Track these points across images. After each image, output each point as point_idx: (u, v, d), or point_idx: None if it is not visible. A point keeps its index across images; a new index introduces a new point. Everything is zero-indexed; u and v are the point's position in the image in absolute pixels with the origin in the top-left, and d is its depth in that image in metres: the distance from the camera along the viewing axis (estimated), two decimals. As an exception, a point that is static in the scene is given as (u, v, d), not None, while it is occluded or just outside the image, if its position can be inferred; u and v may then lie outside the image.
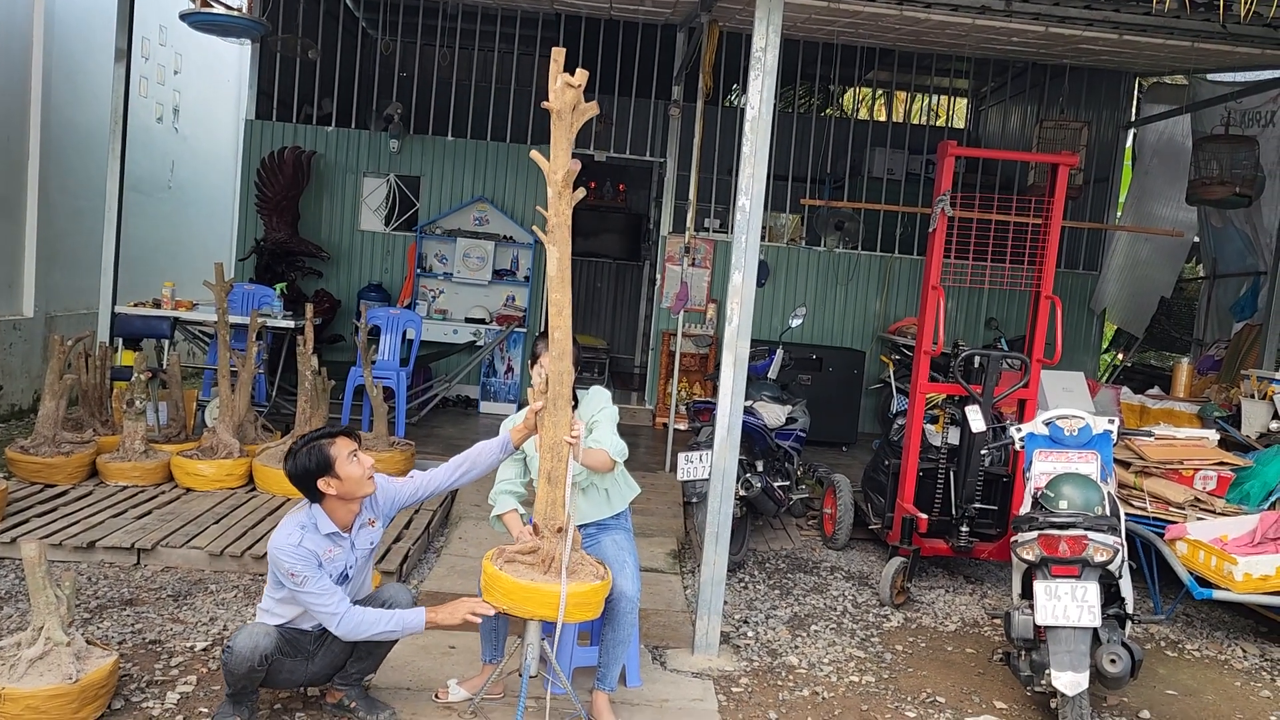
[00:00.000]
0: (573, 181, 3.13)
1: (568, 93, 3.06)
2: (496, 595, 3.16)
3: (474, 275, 9.18)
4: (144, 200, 9.72)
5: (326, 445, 3.28)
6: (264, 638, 3.22)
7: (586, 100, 3.13)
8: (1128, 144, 9.95)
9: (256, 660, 3.18)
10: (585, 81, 3.09)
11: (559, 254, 3.13)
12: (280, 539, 3.26)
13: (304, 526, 3.30)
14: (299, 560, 3.21)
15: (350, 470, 3.29)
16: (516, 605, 3.13)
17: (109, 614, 4.29)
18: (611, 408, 3.77)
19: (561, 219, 3.12)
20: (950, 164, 5.34)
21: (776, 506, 5.74)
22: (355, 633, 3.26)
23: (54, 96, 8.20)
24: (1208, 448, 5.50)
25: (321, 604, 3.23)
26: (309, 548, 3.26)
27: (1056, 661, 3.61)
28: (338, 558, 3.35)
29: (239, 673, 3.19)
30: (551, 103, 3.08)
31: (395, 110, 9.21)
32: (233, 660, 3.18)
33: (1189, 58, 7.33)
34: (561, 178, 3.10)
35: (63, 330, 7.81)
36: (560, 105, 3.07)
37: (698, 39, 7.45)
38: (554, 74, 3.06)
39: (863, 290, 9.64)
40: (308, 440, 3.31)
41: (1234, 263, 8.92)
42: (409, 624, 3.29)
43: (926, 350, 5.38)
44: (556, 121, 3.09)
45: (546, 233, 3.14)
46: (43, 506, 5.34)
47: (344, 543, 3.38)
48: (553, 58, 3.08)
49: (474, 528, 5.87)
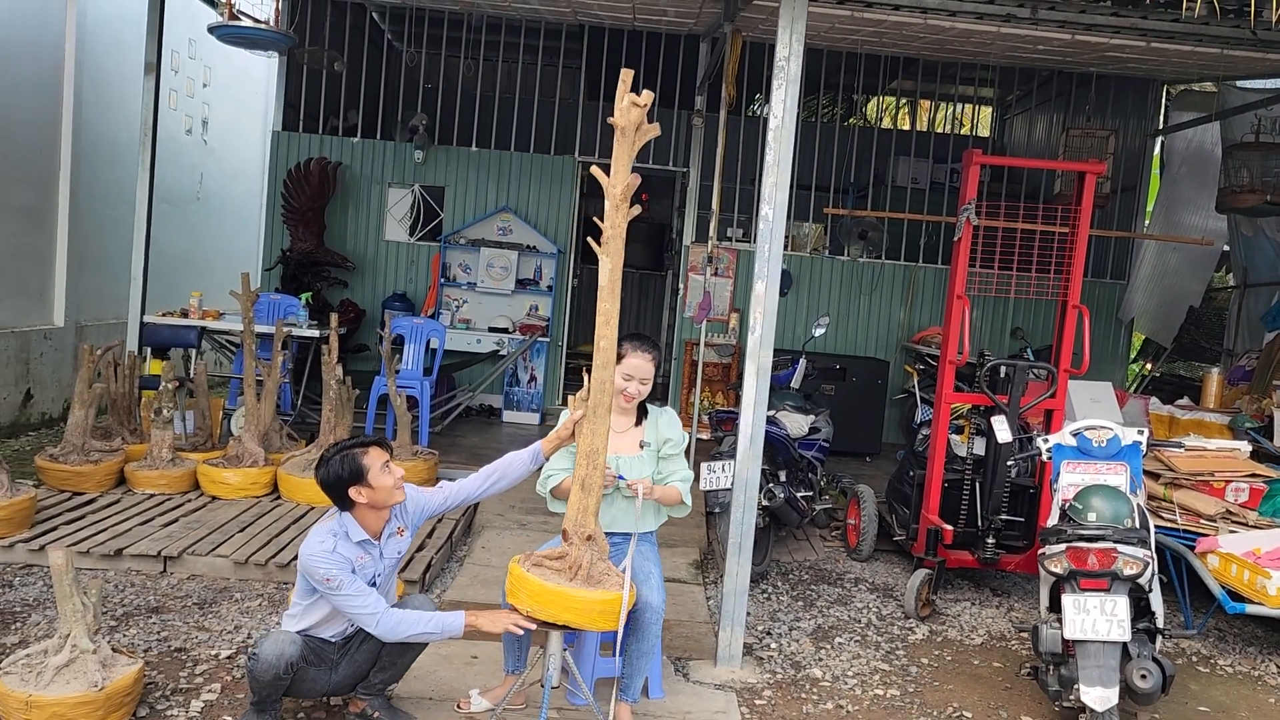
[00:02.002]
0: (630, 196, 3.17)
1: (633, 111, 3.14)
2: (521, 597, 3.16)
3: (497, 285, 9.21)
4: (173, 211, 9.84)
5: (360, 454, 3.30)
6: (290, 645, 3.23)
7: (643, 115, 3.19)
8: (1156, 152, 9.85)
9: (282, 668, 3.19)
10: (650, 102, 3.16)
11: (611, 265, 3.17)
12: (313, 546, 3.27)
13: (335, 534, 3.32)
14: (334, 565, 3.23)
15: (382, 480, 3.31)
16: (541, 608, 3.12)
17: (135, 621, 4.32)
18: (682, 435, 3.77)
19: (617, 231, 3.16)
20: (975, 173, 5.31)
21: (800, 517, 5.71)
22: (395, 632, 3.27)
23: (85, 108, 8.32)
24: (1239, 459, 5.42)
25: (359, 605, 3.25)
26: (343, 554, 3.28)
27: (1085, 676, 3.56)
28: (367, 565, 3.37)
29: (264, 680, 3.20)
30: (617, 120, 3.15)
31: (420, 121, 9.27)
32: (258, 668, 3.19)
33: (1218, 64, 7.25)
34: (620, 191, 3.15)
35: (92, 339, 7.91)
36: (625, 123, 3.15)
37: (720, 49, 7.45)
38: (621, 92, 3.13)
39: (886, 300, 9.59)
40: (340, 448, 3.33)
41: (1265, 272, 8.80)
42: (449, 626, 3.30)
43: (952, 360, 5.33)
44: (620, 138, 3.16)
45: (601, 244, 3.17)
46: (71, 514, 5.40)
47: (374, 550, 3.39)
48: (621, 78, 3.15)
49: (497, 537, 5.87)
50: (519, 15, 8.70)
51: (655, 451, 3.72)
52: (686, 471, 3.74)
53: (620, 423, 3.69)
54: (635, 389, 3.62)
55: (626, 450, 3.67)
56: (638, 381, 3.61)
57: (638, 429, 3.71)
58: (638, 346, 3.64)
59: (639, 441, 3.69)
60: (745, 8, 6.23)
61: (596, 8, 7.65)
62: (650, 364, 3.63)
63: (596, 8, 7.65)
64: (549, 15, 8.40)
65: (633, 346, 3.63)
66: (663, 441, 3.72)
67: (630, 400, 3.64)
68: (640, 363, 3.61)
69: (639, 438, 3.70)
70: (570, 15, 8.17)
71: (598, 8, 7.64)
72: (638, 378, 3.61)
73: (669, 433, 3.74)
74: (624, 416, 3.70)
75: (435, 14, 9.69)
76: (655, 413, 3.76)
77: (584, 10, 7.86)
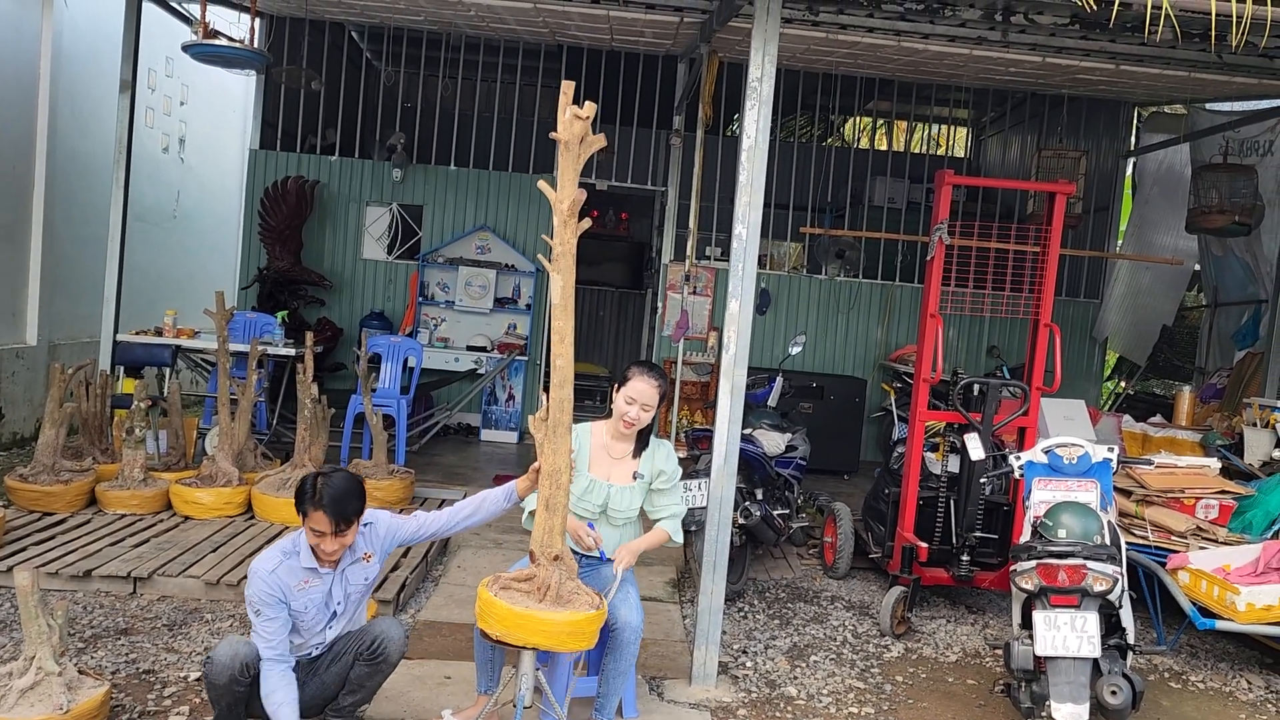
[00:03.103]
0: (578, 210, 3.16)
1: (576, 124, 3.11)
2: (490, 622, 3.14)
3: (476, 303, 9.21)
4: (149, 229, 9.78)
5: (310, 506, 3.23)
6: (243, 646, 3.20)
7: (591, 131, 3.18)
8: (1128, 173, 9.98)
9: (237, 668, 3.14)
10: (593, 114, 3.14)
11: (563, 282, 3.15)
12: (258, 563, 3.26)
13: (286, 553, 3.30)
14: (263, 590, 3.21)
15: (312, 539, 3.27)
16: (510, 633, 3.10)
17: (103, 643, 4.27)
18: (677, 469, 3.76)
19: (566, 247, 3.14)
20: (948, 192, 5.36)
21: (776, 535, 5.71)
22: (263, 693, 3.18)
23: (60, 125, 8.27)
24: (1209, 476, 5.47)
25: (263, 644, 3.21)
26: (281, 577, 3.25)
27: (1056, 693, 3.58)
28: (314, 589, 3.33)
29: (220, 683, 3.15)
30: (560, 134, 3.11)
31: (398, 140, 9.28)
32: (213, 671, 3.15)
33: (1186, 87, 7.37)
34: (567, 207, 3.13)
35: (65, 358, 7.84)
36: (568, 136, 3.11)
37: (698, 69, 7.51)
38: (563, 106, 3.10)
39: (864, 318, 9.65)
40: (305, 489, 3.25)
41: (1235, 291, 8.92)
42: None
43: (926, 378, 5.37)
44: (564, 152, 3.13)
45: (551, 261, 3.16)
46: (41, 535, 5.33)
47: (325, 576, 3.35)
48: (562, 90, 3.13)
49: (473, 556, 5.84)
50: (498, 35, 8.74)
51: (647, 484, 3.72)
52: (679, 507, 3.73)
53: (618, 449, 3.68)
54: (637, 413, 3.60)
55: (620, 480, 3.67)
56: (640, 406, 3.59)
57: (634, 460, 3.71)
58: (644, 372, 3.63)
59: (633, 473, 3.69)
60: (721, 29, 6.28)
61: (574, 28, 7.70)
62: (654, 390, 3.61)
63: (574, 28, 7.70)
64: (527, 36, 8.44)
65: (639, 371, 3.63)
66: (656, 474, 3.72)
67: (630, 426, 3.63)
68: (645, 388, 3.60)
69: (634, 469, 3.69)
70: (549, 36, 8.22)
71: (576, 29, 7.68)
72: (640, 402, 3.59)
73: (664, 465, 3.73)
74: (622, 443, 3.69)
75: (414, 33, 9.72)
76: (654, 445, 3.75)
77: (562, 31, 7.91)
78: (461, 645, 4.48)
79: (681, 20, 6.81)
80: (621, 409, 3.59)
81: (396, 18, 8.21)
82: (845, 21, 6.15)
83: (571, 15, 7.05)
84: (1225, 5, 3.53)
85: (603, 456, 3.70)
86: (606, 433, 3.73)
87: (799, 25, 6.34)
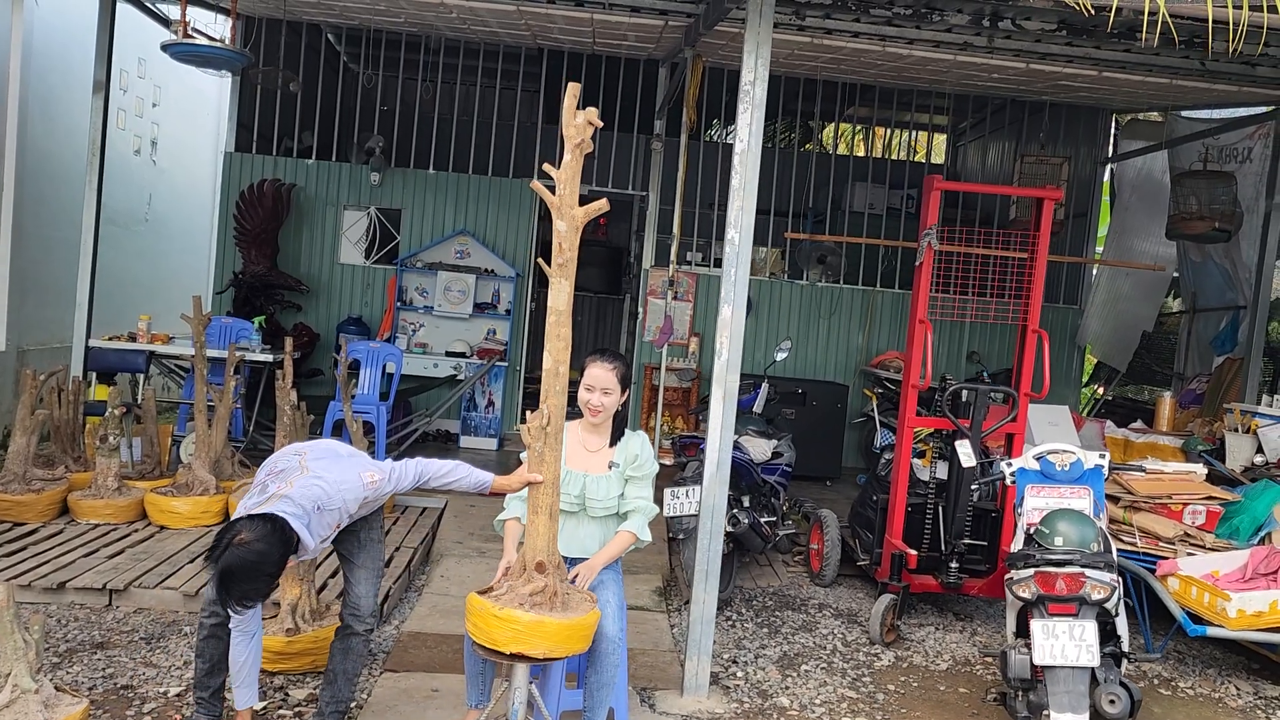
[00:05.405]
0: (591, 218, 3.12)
1: (586, 128, 3.06)
2: (501, 636, 3.05)
3: (455, 309, 9.11)
4: (120, 233, 9.60)
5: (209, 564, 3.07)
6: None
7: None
8: (1105, 179, 10.05)
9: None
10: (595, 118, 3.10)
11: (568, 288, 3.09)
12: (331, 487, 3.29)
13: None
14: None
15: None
16: (522, 641, 3.02)
17: (79, 658, 4.15)
18: (653, 465, 3.70)
19: (572, 254, 3.07)
20: (936, 198, 5.35)
21: (764, 543, 5.66)
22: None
23: (30, 127, 8.09)
24: (1196, 482, 5.48)
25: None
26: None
27: (1055, 702, 3.55)
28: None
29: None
30: (572, 135, 3.03)
31: (376, 143, 9.17)
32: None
33: (1167, 94, 7.42)
34: (580, 214, 3.09)
35: (35, 364, 7.64)
36: (581, 138, 3.04)
37: (681, 74, 7.47)
38: (569, 108, 3.03)
39: (845, 324, 9.64)
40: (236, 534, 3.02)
41: (1214, 297, 8.99)
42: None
43: (915, 384, 5.34)
44: (573, 155, 3.06)
45: (554, 266, 3.09)
46: (12, 545, 5.19)
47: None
48: (568, 93, 3.06)
49: (456, 565, 5.75)
50: (478, 38, 8.66)
51: (623, 473, 3.67)
52: (649, 504, 3.64)
53: (593, 441, 3.64)
54: (599, 400, 3.56)
55: (596, 470, 3.62)
56: (600, 391, 3.56)
57: (610, 450, 3.66)
58: (597, 358, 3.62)
59: (609, 462, 3.64)
60: (707, 33, 6.24)
61: (557, 32, 7.64)
62: (609, 373, 3.58)
63: (557, 32, 7.64)
64: (508, 39, 8.37)
65: (592, 358, 3.63)
66: (631, 459, 3.66)
67: (596, 413, 3.59)
68: (599, 372, 3.57)
69: (609, 458, 3.64)
70: (530, 39, 8.15)
71: (559, 31, 7.62)
72: (599, 388, 3.56)
73: (638, 450, 3.68)
74: (596, 436, 3.64)
75: (393, 36, 9.62)
76: (629, 435, 3.71)
77: (544, 34, 7.84)
78: (448, 657, 4.40)
79: (666, 24, 6.77)
80: (583, 398, 3.59)
81: (377, 19, 8.12)
82: (831, 26, 6.13)
83: (555, 18, 7.00)
84: (1221, 10, 3.52)
85: (579, 451, 3.66)
86: (581, 429, 3.70)
87: (784, 30, 6.32)
